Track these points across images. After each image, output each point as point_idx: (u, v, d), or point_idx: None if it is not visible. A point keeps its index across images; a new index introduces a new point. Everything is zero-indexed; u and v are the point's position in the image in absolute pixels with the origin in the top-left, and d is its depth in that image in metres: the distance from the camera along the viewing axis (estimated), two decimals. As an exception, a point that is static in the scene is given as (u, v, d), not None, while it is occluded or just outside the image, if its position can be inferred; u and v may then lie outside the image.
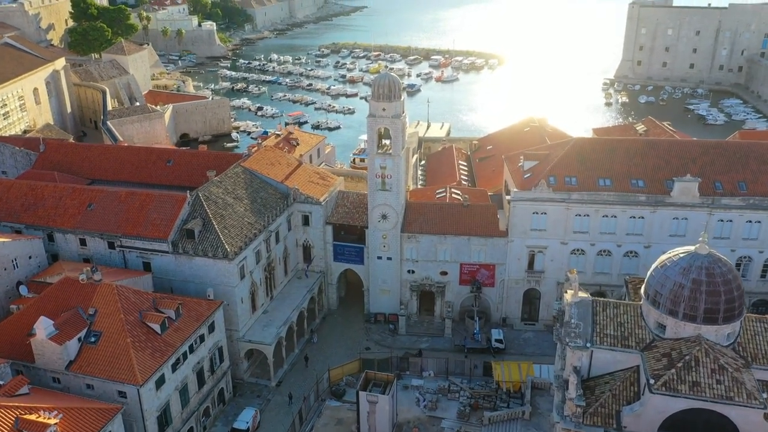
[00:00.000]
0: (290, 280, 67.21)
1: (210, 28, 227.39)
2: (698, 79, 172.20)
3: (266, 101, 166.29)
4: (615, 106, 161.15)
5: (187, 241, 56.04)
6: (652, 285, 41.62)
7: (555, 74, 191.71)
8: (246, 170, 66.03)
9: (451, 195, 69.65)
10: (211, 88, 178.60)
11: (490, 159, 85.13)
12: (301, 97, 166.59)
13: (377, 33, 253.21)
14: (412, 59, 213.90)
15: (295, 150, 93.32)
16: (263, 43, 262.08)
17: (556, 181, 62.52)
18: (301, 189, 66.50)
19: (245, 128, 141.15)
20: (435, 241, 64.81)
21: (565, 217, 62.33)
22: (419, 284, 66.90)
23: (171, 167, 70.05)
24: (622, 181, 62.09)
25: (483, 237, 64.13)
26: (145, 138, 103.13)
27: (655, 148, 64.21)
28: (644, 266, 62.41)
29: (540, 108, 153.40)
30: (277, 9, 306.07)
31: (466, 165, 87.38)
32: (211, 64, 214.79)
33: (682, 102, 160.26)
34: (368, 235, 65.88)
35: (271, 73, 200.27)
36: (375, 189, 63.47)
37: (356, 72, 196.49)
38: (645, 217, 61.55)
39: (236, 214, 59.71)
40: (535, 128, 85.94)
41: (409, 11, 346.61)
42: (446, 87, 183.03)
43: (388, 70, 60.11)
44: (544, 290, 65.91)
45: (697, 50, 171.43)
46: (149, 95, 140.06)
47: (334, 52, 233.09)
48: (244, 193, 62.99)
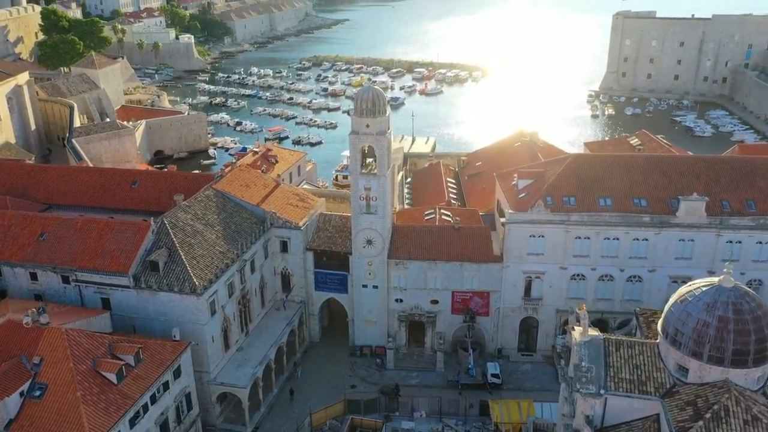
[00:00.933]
0: (268, 312, 61.80)
1: (188, 41, 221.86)
2: (683, 90, 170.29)
3: (245, 116, 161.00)
4: (601, 118, 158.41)
5: (150, 275, 50.56)
6: (672, 322, 37.07)
7: (540, 86, 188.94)
8: (218, 193, 60.74)
9: (441, 217, 64.93)
10: (189, 103, 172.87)
11: (480, 176, 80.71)
12: (282, 111, 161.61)
13: (359, 46, 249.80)
14: (395, 72, 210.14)
15: (273, 168, 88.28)
16: (243, 56, 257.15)
17: (554, 201, 58.10)
18: (279, 212, 61.36)
19: (223, 144, 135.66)
20: (424, 267, 59.93)
21: (564, 240, 57.88)
22: (408, 314, 61.91)
23: (136, 190, 64.50)
24: (623, 200, 57.87)
25: (476, 262, 59.42)
26: (114, 156, 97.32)
27: (656, 165, 60.16)
28: (648, 292, 58.50)
29: (526, 121, 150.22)
30: (258, 22, 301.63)
31: (454, 182, 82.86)
32: (189, 77, 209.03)
33: (668, 114, 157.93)
34: (352, 262, 60.84)
35: (250, 86, 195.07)
36: (359, 212, 58.54)
37: (338, 85, 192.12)
38: (649, 239, 57.32)
39: (206, 243, 54.36)
40: (526, 143, 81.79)
41: (391, 24, 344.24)
42: (430, 100, 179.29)
43: (371, 83, 55.11)
44: (543, 318, 61.28)
45: (682, 61, 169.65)
46: (122, 111, 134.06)
47: (315, 65, 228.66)
48: (216, 218, 57.67)
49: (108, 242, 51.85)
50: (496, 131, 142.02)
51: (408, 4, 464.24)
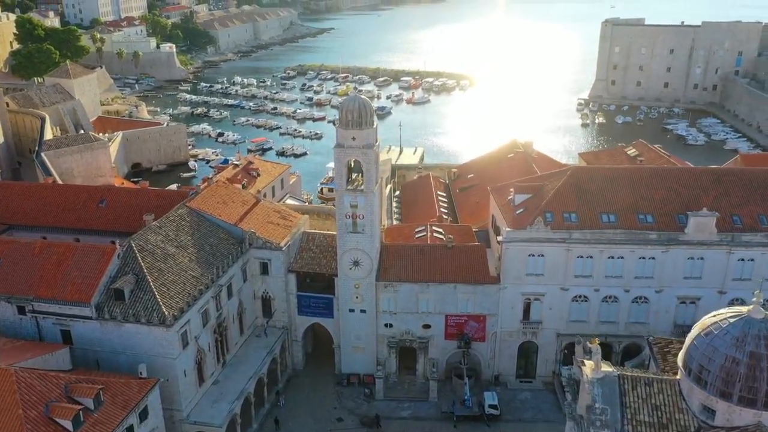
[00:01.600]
0: (247, 339, 57.18)
1: (169, 51, 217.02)
2: (673, 98, 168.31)
3: (228, 126, 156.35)
4: (592, 127, 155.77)
5: (115, 304, 45.85)
6: (696, 358, 33.13)
7: (528, 95, 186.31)
8: (192, 212, 56.20)
9: (432, 234, 60.79)
10: (170, 113, 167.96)
11: (472, 189, 76.76)
12: (266, 121, 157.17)
13: (345, 54, 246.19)
14: (381, 81, 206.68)
15: (255, 182, 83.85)
16: (227, 65, 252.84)
17: (554, 217, 54.24)
18: (259, 232, 56.92)
19: (204, 156, 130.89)
20: (416, 290, 55.72)
21: (566, 259, 53.97)
22: (398, 340, 57.59)
23: (104, 209, 59.76)
24: (627, 216, 54.12)
25: (471, 284, 55.32)
26: (86, 171, 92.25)
27: (661, 178, 56.57)
28: (655, 313, 54.80)
29: (515, 130, 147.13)
30: (242, 31, 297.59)
31: (445, 196, 78.81)
32: (170, 87, 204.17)
33: (659, 122, 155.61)
34: (338, 285, 56.50)
35: (233, 96, 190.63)
36: (345, 231, 54.26)
37: (323, 95, 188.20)
38: (656, 258, 53.56)
39: (178, 267, 49.75)
40: (519, 154, 78.00)
41: (377, 33, 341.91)
42: (417, 109, 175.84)
43: (357, 93, 50.68)
44: (542, 343, 57.22)
45: (671, 69, 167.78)
46: (98, 122, 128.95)
47: (300, 74, 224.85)
48: (190, 239, 53.10)
49: (69, 268, 47.09)
50: (486, 141, 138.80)
51: (394, 13, 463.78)
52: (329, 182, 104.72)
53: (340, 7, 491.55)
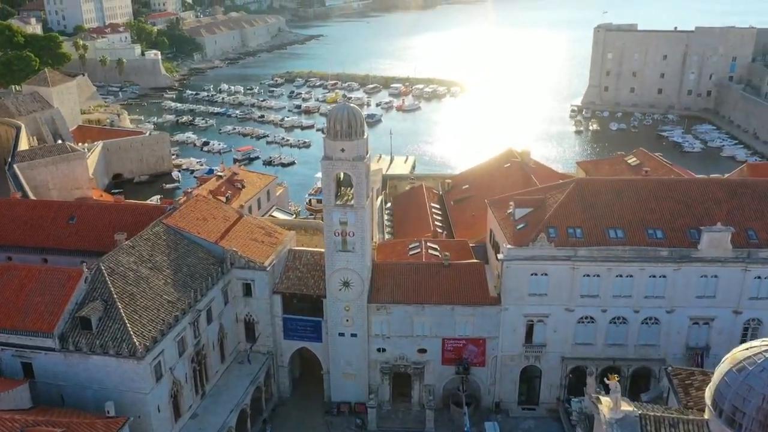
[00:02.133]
0: (229, 366, 53.06)
1: (154, 58, 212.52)
2: (667, 104, 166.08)
3: (213, 135, 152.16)
4: (586, 134, 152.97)
5: (81, 334, 41.68)
6: (728, 397, 29.49)
7: (520, 102, 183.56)
8: (169, 229, 52.12)
9: (428, 251, 57.04)
10: (154, 122, 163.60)
11: (467, 201, 73.24)
12: (252, 130, 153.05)
13: (334, 61, 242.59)
14: (371, 88, 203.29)
15: (239, 194, 79.94)
16: (213, 72, 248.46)
17: (558, 233, 50.69)
18: (241, 250, 52.91)
19: (188, 166, 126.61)
20: (410, 312, 51.90)
21: (571, 278, 50.39)
22: (392, 365, 53.70)
23: (74, 226, 55.51)
24: (636, 231, 50.68)
25: (470, 305, 51.58)
26: (62, 183, 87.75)
27: (671, 190, 53.21)
28: (666, 334, 51.31)
29: (508, 137, 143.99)
30: (229, 38, 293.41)
31: (439, 208, 75.19)
32: (155, 95, 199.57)
33: (654, 129, 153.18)
34: (327, 307, 52.57)
35: (220, 104, 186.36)
36: (334, 250, 50.37)
37: (312, 102, 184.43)
38: (667, 276, 50.09)
39: (152, 291, 45.63)
40: (516, 164, 74.58)
41: (367, 40, 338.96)
42: (408, 117, 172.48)
43: (346, 100, 46.73)
44: (546, 367, 53.53)
45: (665, 75, 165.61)
46: (78, 131, 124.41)
47: (288, 81, 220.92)
48: (166, 260, 49.01)
49: (31, 294, 42.88)
50: (479, 149, 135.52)
51: (383, 20, 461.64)
52: (317, 193, 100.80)
53: (329, 14, 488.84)
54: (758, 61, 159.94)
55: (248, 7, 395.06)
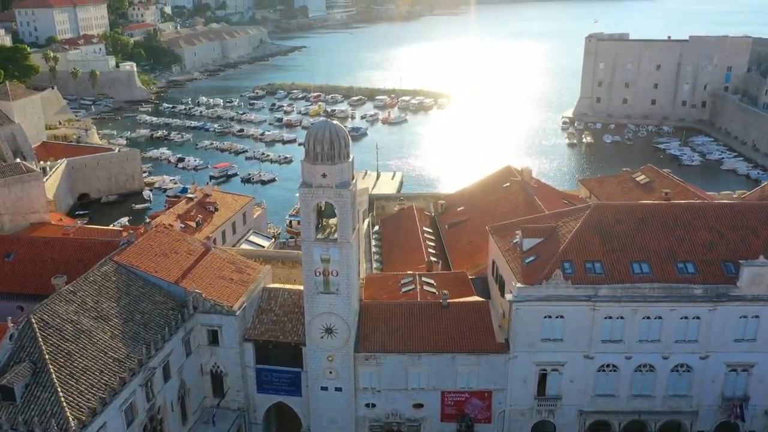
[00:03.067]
0: (192, 427, 45.26)
1: (129, 70, 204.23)
2: (661, 115, 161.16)
3: (190, 151, 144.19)
4: (579, 147, 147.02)
5: (2, 406, 33.84)
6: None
7: (510, 113, 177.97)
8: (121, 268, 44.42)
9: (422, 287, 49.82)
10: (127, 137, 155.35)
11: (463, 225, 66.24)
12: (231, 145, 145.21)
13: (317, 73, 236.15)
14: (355, 100, 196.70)
15: (212, 218, 72.45)
16: (193, 85, 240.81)
17: (575, 268, 43.79)
18: (207, 292, 45.32)
19: (161, 184, 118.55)
20: (404, 362, 44.57)
21: (591, 320, 43.43)
22: (383, 423, 46.23)
23: (11, 264, 47.64)
24: (664, 265, 43.95)
25: (473, 353, 44.39)
26: (15, 207, 78.95)
27: (700, 216, 46.59)
28: (700, 384, 44.45)
29: (498, 150, 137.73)
30: (209, 49, 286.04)
31: (432, 232, 68.07)
32: (130, 109, 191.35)
33: (650, 141, 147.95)
34: (307, 356, 45.09)
35: (197, 118, 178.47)
36: (314, 292, 42.98)
37: (294, 115, 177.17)
38: (701, 317, 43.32)
39: (95, 348, 37.88)
40: (517, 183, 67.75)
41: (351, 51, 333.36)
42: (394, 130, 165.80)
43: (328, 116, 38.87)
44: (562, 423, 46.37)
45: (659, 85, 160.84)
46: (42, 148, 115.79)
47: (269, 93, 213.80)
48: (114, 307, 41.29)
49: (-58, 356, 34.98)
50: (470, 164, 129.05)
51: (367, 31, 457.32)
52: (299, 214, 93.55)
53: (312, 25, 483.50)
54: (753, 71, 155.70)
55: (230, 19, 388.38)
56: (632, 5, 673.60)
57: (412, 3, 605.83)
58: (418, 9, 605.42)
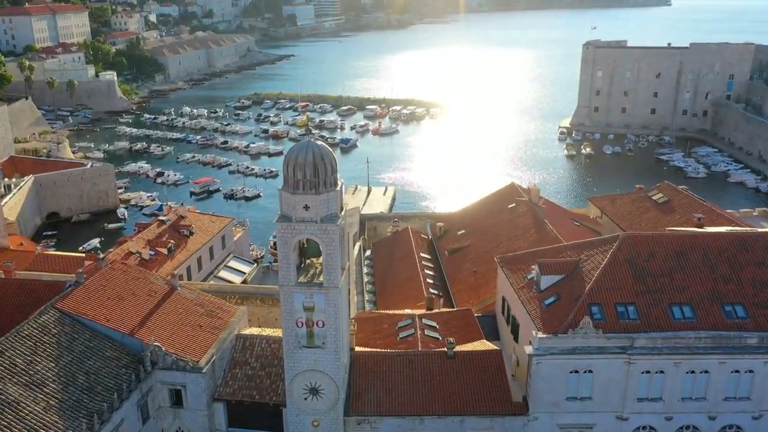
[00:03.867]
0: (151, 508, 37.89)
1: (109, 79, 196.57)
2: (661, 125, 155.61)
3: (170, 164, 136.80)
4: (579, 158, 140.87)
5: None
6: None
7: (505, 123, 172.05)
8: (65, 317, 37.13)
9: (423, 332, 42.80)
10: (105, 149, 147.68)
11: (466, 251, 59.41)
12: (214, 158, 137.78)
13: (305, 81, 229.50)
14: (344, 110, 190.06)
15: (186, 243, 65.37)
16: (176, 94, 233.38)
17: (604, 313, 37.02)
18: (168, 344, 38.11)
19: (138, 201, 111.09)
20: (404, 426, 37.44)
21: (625, 375, 36.62)
22: (380, 497, 39.09)
23: (-65, 312, 40.10)
24: (708, 308, 37.30)
25: (486, 415, 37.38)
26: (-32, 232, 71.71)
27: (747, 248, 40.01)
28: (752, 447, 37.35)
29: (495, 161, 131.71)
30: (194, 58, 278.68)
31: (430, 259, 61.19)
32: (109, 120, 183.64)
33: (651, 152, 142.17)
34: (288, 420, 37.90)
35: (180, 129, 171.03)
36: (295, 346, 35.84)
37: (281, 126, 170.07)
38: (755, 371, 36.66)
39: (22, 425, 30.51)
40: (524, 204, 61.08)
41: (340, 59, 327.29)
42: (385, 141, 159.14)
43: (311, 136, 31.69)
44: (590, 493, 39.43)
45: (659, 94, 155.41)
46: (9, 163, 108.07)
47: (256, 103, 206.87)
48: (53, 368, 33.99)
49: None
50: (465, 176, 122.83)
51: (356, 39, 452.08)
52: None
53: (300, 33, 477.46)
54: (756, 78, 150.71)
55: (216, 27, 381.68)
56: (624, 13, 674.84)
57: (402, 11, 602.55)
58: (408, 17, 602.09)
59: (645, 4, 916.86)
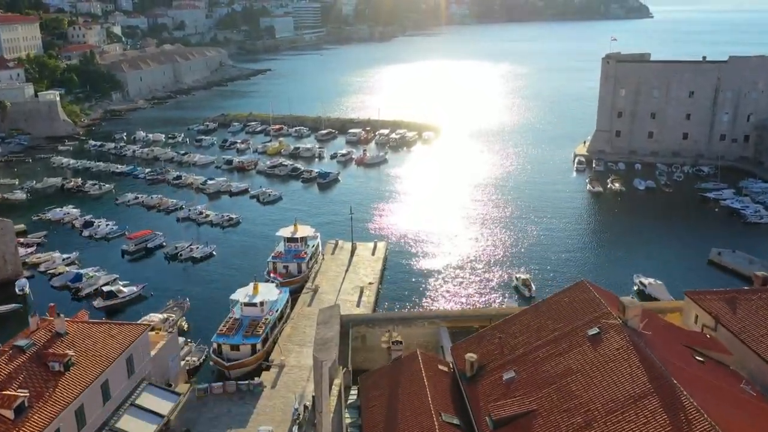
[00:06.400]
0: None
1: (51, 99, 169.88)
2: (694, 152, 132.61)
3: (107, 208, 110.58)
4: (607, 197, 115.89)
5: None
6: None
7: (510, 148, 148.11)
8: None
9: None
10: (30, 188, 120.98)
11: (524, 426, 34.25)
12: (161, 200, 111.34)
13: (280, 99, 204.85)
14: (324, 134, 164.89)
15: (56, 386, 40.31)
16: (135, 115, 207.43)
17: None
18: None
19: (48, 267, 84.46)
20: None
21: None
22: None
23: None
24: None
25: None
26: None
27: None
28: None
29: (508, 201, 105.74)
30: (158, 73, 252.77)
31: (459, 426, 35.95)
32: (48, 147, 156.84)
33: (690, 186, 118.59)
34: None
35: (128, 159, 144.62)
36: None
37: (248, 155, 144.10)
38: None
39: None
40: (614, 331, 36.20)
41: (320, 74, 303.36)
42: (371, 173, 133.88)
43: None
44: None
45: (692, 116, 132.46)
46: None
47: (222, 125, 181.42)
48: None
49: None
50: (473, 225, 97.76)
51: (338, 53, 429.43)
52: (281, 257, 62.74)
53: (279, 46, 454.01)
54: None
55: (188, 40, 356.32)
56: (606, 26, 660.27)
57: (385, 24, 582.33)
58: (391, 29, 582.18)
59: (627, 16, 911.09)
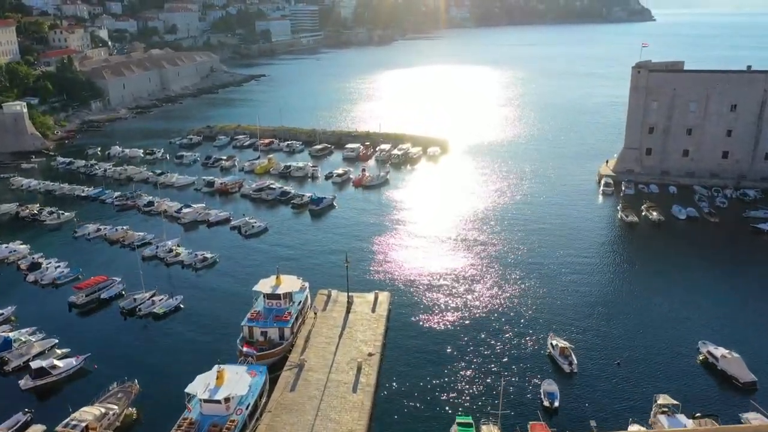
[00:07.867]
0: None
1: (17, 111, 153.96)
2: (736, 173, 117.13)
3: (62, 243, 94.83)
4: (643, 229, 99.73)
5: None
6: None
7: (525, 168, 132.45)
8: None
9: None
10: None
11: None
12: (126, 233, 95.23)
13: (271, 109, 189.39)
14: (318, 149, 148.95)
15: None
16: (115, 126, 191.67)
17: None
18: None
19: (-23, 325, 68.81)
20: None
21: None
22: None
23: None
24: None
25: None
26: None
27: None
28: None
29: (530, 237, 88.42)
30: (143, 80, 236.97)
31: None
32: (11, 165, 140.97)
33: (737, 214, 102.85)
34: None
35: (99, 179, 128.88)
36: None
37: (233, 176, 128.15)
38: None
39: None
40: None
41: (317, 80, 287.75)
42: (371, 197, 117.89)
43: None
44: None
45: (734, 132, 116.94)
46: None
47: (208, 138, 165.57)
48: None
49: None
50: (493, 265, 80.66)
51: (335, 57, 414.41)
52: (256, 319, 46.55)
53: (275, 50, 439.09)
54: None
55: (180, 44, 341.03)
56: (609, 28, 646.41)
57: (384, 27, 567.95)
58: (390, 33, 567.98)
59: (629, 19, 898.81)
